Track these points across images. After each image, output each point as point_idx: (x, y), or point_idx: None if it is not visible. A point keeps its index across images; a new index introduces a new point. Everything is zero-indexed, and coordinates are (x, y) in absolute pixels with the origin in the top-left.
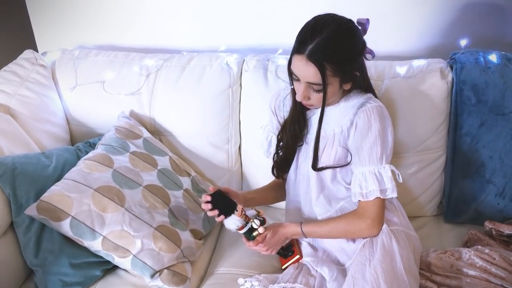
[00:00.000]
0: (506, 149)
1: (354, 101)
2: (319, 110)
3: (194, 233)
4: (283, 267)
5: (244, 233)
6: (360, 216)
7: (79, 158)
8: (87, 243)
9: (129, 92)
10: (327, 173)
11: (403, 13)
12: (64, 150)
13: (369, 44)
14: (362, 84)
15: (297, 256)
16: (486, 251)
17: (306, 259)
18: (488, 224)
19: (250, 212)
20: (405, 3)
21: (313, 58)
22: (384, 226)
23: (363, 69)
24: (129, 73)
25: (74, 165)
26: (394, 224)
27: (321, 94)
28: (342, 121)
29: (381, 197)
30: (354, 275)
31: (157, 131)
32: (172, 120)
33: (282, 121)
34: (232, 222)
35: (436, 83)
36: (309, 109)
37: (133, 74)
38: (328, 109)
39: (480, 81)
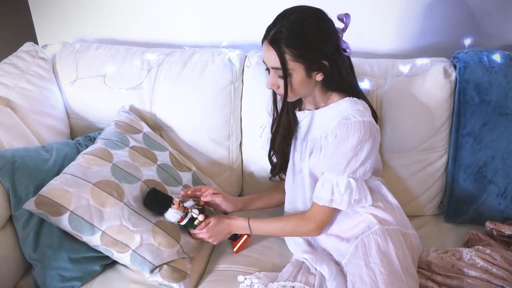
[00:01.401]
0: (509, 150)
1: (343, 109)
2: (310, 114)
3: None
4: (234, 250)
5: (186, 225)
6: (308, 220)
7: (79, 152)
8: (86, 238)
9: (130, 87)
10: (320, 172)
11: (406, 11)
12: (64, 144)
13: (373, 43)
14: (339, 80)
15: (245, 236)
16: (487, 251)
17: (305, 257)
18: (489, 225)
19: (189, 203)
20: (409, 1)
21: (273, 42)
22: (378, 226)
23: (337, 61)
24: (130, 68)
25: (74, 159)
26: (390, 224)
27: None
28: (327, 127)
29: (329, 206)
30: (352, 278)
31: (157, 126)
32: (173, 115)
33: None
34: (171, 216)
35: (439, 82)
36: (297, 109)
37: (134, 68)
38: (319, 112)
39: (484, 80)
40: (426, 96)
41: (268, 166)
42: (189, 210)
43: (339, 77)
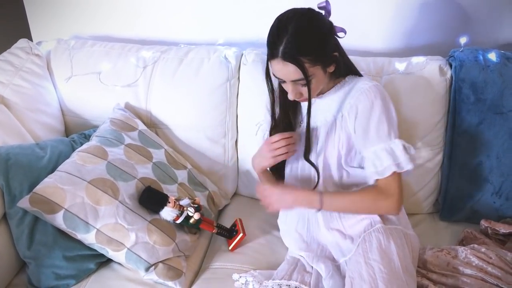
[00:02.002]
0: (504, 148)
1: (351, 85)
2: (317, 100)
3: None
4: (229, 248)
5: (181, 223)
6: (385, 193)
7: (74, 149)
8: (80, 236)
9: (126, 84)
10: (333, 160)
11: (403, 10)
12: (59, 142)
13: (369, 41)
14: (345, 65)
15: (241, 235)
16: (483, 250)
17: (301, 254)
18: (484, 223)
19: (185, 201)
20: (405, 0)
21: (288, 57)
22: (381, 225)
23: (339, 49)
24: (126, 65)
25: (69, 156)
26: (393, 223)
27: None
28: (342, 106)
29: (398, 171)
30: (351, 275)
31: (153, 124)
32: (169, 113)
33: None
34: (167, 214)
35: (435, 80)
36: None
37: (129, 65)
38: (326, 96)
39: (479, 79)
40: (422, 94)
41: None
42: (184, 209)
43: (344, 62)
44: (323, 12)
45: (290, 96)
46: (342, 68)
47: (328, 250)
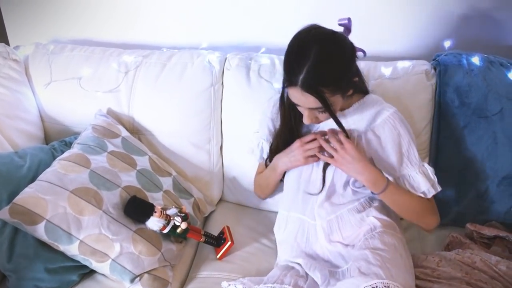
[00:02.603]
0: (488, 152)
1: (370, 107)
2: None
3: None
4: (217, 257)
5: (168, 232)
6: (433, 208)
7: (54, 157)
8: (63, 247)
9: (107, 90)
10: (341, 176)
11: (387, 14)
12: (38, 150)
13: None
14: (360, 85)
15: (229, 243)
16: (467, 254)
17: (298, 261)
18: (469, 227)
19: (171, 211)
20: (390, 4)
21: (308, 87)
22: (382, 229)
23: (358, 72)
24: (107, 70)
25: (49, 165)
26: (395, 230)
27: (327, 113)
28: (358, 125)
29: (435, 193)
30: (357, 264)
31: (136, 130)
32: (152, 119)
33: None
34: (153, 224)
35: (421, 85)
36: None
37: (111, 70)
38: (343, 116)
39: (463, 83)
40: (408, 98)
41: (249, 170)
42: (171, 218)
43: (360, 82)
44: (342, 29)
45: (306, 121)
46: (358, 88)
47: (326, 258)
